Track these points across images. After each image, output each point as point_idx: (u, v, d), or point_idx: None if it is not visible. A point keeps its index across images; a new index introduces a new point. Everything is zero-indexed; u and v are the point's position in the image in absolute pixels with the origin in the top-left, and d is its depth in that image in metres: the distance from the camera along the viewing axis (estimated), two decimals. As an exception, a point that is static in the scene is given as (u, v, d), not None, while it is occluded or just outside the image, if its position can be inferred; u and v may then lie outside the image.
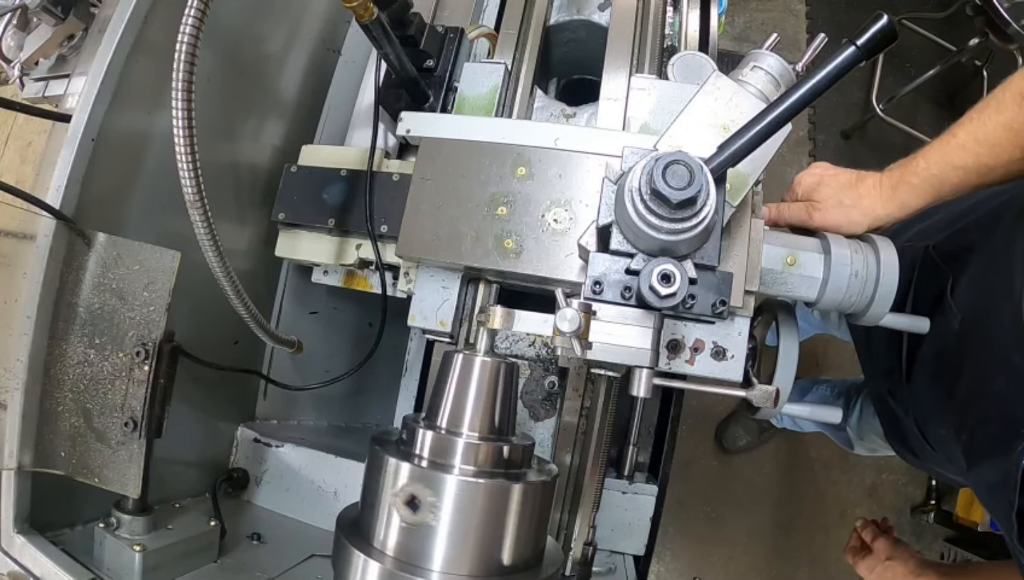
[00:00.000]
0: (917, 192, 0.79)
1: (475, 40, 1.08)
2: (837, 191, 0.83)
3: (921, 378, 0.94)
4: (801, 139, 2.50)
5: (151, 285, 0.79)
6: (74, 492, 0.82)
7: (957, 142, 0.77)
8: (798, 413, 0.89)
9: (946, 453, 0.93)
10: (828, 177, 0.85)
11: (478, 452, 0.63)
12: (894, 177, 0.81)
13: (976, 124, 0.76)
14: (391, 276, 0.98)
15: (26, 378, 0.78)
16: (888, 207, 0.81)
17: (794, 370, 0.86)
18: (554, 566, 0.67)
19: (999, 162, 0.74)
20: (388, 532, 0.61)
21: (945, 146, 0.78)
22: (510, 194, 0.79)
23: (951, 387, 0.83)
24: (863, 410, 1.45)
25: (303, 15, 1.20)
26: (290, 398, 1.24)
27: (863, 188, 0.82)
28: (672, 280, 0.55)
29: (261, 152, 1.13)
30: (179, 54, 0.58)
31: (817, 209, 0.83)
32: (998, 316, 0.74)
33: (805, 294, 0.81)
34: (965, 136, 0.77)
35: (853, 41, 0.56)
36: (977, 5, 1.99)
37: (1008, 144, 0.73)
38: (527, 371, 0.97)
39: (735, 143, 0.58)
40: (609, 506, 1.12)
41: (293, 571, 0.93)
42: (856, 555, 1.12)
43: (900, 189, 0.80)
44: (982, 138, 0.75)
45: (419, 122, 0.89)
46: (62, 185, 0.79)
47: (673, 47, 1.13)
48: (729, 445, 2.20)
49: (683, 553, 2.16)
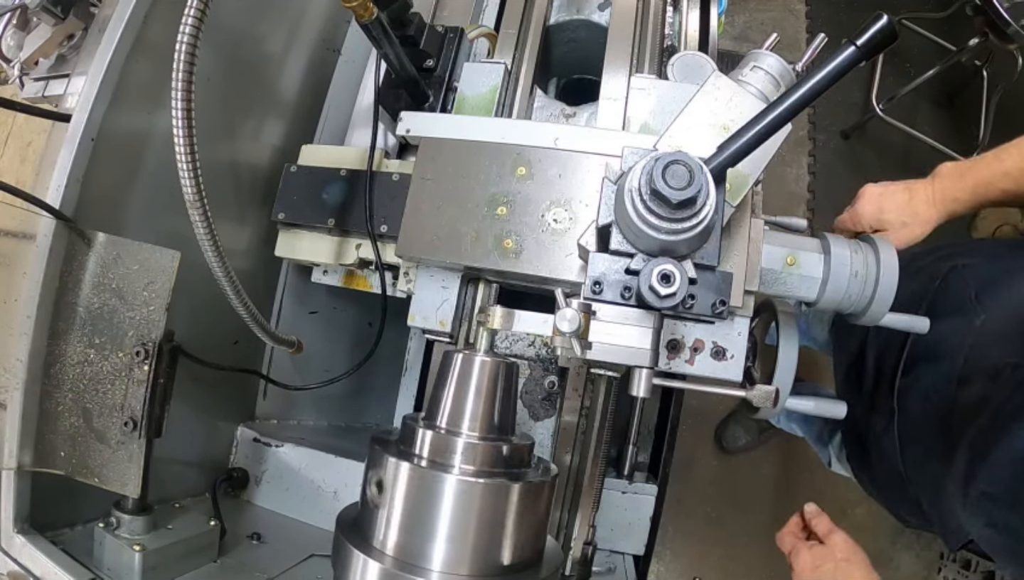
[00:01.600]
0: (963, 205, 0.89)
1: (475, 40, 1.08)
2: (899, 214, 0.91)
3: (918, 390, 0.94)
4: (801, 139, 2.50)
5: (151, 285, 0.79)
6: (74, 492, 0.82)
7: (1003, 168, 0.87)
8: (803, 408, 0.88)
9: (924, 476, 0.94)
10: (884, 201, 0.92)
11: (478, 452, 0.63)
12: (946, 191, 0.90)
13: (1022, 151, 0.86)
14: (391, 276, 0.98)
15: (26, 378, 0.78)
16: (940, 215, 0.90)
17: (794, 370, 0.86)
18: (554, 566, 0.67)
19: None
20: (388, 532, 0.61)
21: (992, 169, 0.87)
22: (510, 194, 0.79)
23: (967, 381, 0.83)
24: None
25: (303, 15, 1.20)
26: (290, 398, 1.24)
27: (917, 203, 0.90)
28: (672, 280, 0.55)
29: (261, 152, 1.13)
30: (179, 54, 0.58)
31: (887, 237, 0.89)
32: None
33: (805, 294, 0.81)
34: (1011, 164, 0.86)
35: (853, 41, 0.56)
36: (977, 5, 1.98)
37: None
38: (527, 371, 0.97)
39: (735, 143, 0.58)
40: (609, 506, 1.12)
41: (293, 571, 0.93)
42: (795, 542, 0.93)
43: (949, 202, 0.90)
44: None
45: (419, 122, 0.89)
46: (62, 185, 0.79)
47: (673, 47, 1.13)
48: (729, 445, 2.20)
49: (683, 553, 2.16)
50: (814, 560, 0.88)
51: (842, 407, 0.88)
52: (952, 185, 0.89)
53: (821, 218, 2.37)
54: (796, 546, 0.92)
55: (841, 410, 0.88)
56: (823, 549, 0.89)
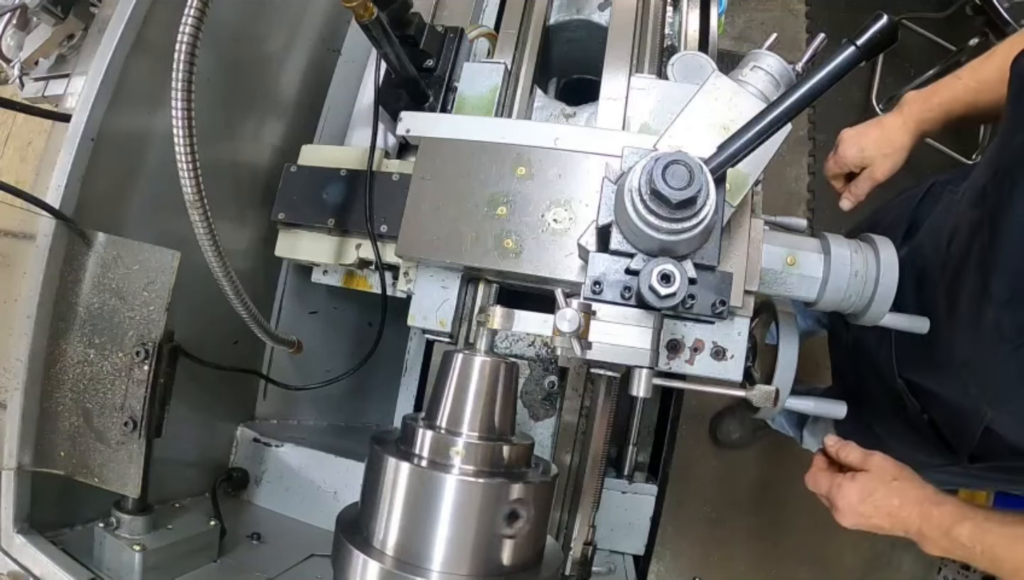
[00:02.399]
0: (933, 124, 0.97)
1: (475, 40, 1.08)
2: (878, 147, 0.99)
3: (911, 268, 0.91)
4: (801, 139, 2.50)
5: (151, 285, 0.79)
6: (74, 492, 0.82)
7: (962, 84, 0.94)
8: (803, 408, 0.88)
9: (930, 349, 0.88)
10: (862, 140, 1.01)
11: (478, 452, 0.63)
12: (914, 115, 0.97)
13: (976, 69, 0.94)
14: (391, 276, 0.98)
15: (26, 378, 0.78)
16: (913, 138, 0.98)
17: (793, 370, 0.87)
18: (554, 566, 0.67)
19: (992, 98, 0.89)
20: (388, 532, 0.61)
21: (953, 87, 0.95)
22: (510, 194, 0.79)
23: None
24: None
25: (303, 15, 1.20)
26: (290, 398, 1.24)
27: (891, 132, 0.98)
28: (672, 280, 0.55)
29: (261, 152, 1.13)
30: (179, 54, 0.58)
31: (873, 170, 0.99)
32: None
33: (805, 294, 0.81)
34: (968, 78, 0.94)
35: (853, 41, 0.56)
36: (977, 5, 1.99)
37: (998, 83, 0.85)
38: (527, 371, 0.97)
39: (735, 143, 0.58)
40: (609, 506, 1.12)
41: (293, 571, 0.93)
42: (833, 476, 0.84)
43: (920, 124, 0.97)
44: (981, 79, 0.92)
45: (419, 122, 0.89)
46: (62, 185, 0.79)
47: (673, 47, 1.13)
48: (723, 438, 2.22)
49: (683, 553, 2.15)
50: (862, 490, 0.80)
51: (842, 407, 0.88)
52: (919, 108, 0.97)
53: (821, 218, 2.36)
54: (836, 481, 0.83)
55: (841, 410, 0.88)
56: (868, 476, 0.81)
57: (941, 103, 0.96)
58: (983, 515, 0.76)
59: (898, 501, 0.79)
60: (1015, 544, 0.73)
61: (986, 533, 0.74)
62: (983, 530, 0.74)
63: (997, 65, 0.89)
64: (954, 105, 0.95)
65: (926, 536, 0.78)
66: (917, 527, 0.78)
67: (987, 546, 0.74)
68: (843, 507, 0.81)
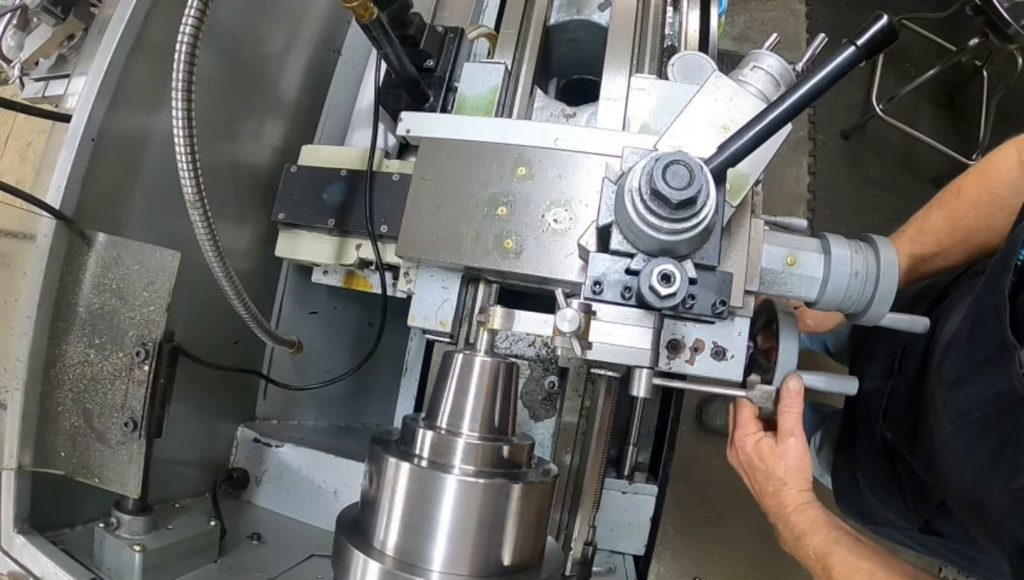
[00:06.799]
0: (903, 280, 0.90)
1: (475, 40, 1.08)
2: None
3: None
4: (801, 139, 2.50)
5: (151, 285, 0.79)
6: (74, 492, 0.82)
7: (906, 236, 0.91)
8: (814, 384, 0.86)
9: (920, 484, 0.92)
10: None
11: (478, 452, 0.63)
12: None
13: (921, 219, 0.91)
14: (391, 276, 0.98)
15: (26, 378, 0.78)
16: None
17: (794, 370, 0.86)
18: (554, 566, 0.67)
19: (940, 249, 0.89)
20: (388, 532, 0.61)
21: (896, 240, 0.90)
22: (510, 194, 0.79)
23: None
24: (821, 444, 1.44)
25: (303, 15, 1.20)
26: (290, 398, 1.24)
27: None
28: (672, 280, 0.55)
29: (261, 152, 1.13)
30: (179, 54, 0.58)
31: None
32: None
33: (805, 294, 0.81)
34: (913, 230, 0.91)
35: (853, 41, 0.56)
36: (977, 5, 1.99)
37: (947, 232, 0.87)
38: (527, 371, 0.97)
39: (735, 143, 0.58)
40: (609, 506, 1.12)
41: (293, 571, 0.93)
42: (756, 426, 0.84)
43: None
44: (927, 229, 0.90)
45: (419, 122, 0.89)
46: (62, 185, 0.79)
47: (673, 47, 1.13)
48: (709, 421, 2.23)
49: (683, 553, 2.16)
50: (759, 456, 0.82)
51: (854, 383, 0.86)
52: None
53: (821, 218, 2.37)
54: (755, 428, 0.84)
55: (853, 386, 0.86)
56: (774, 452, 0.82)
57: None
58: (836, 534, 0.75)
59: (772, 489, 0.82)
60: (852, 574, 0.71)
61: (830, 554, 0.74)
62: (828, 550, 0.74)
63: (947, 212, 0.88)
64: (917, 259, 0.91)
65: (780, 534, 0.83)
66: (773, 522, 0.84)
67: (827, 565, 0.73)
68: (738, 449, 0.84)
